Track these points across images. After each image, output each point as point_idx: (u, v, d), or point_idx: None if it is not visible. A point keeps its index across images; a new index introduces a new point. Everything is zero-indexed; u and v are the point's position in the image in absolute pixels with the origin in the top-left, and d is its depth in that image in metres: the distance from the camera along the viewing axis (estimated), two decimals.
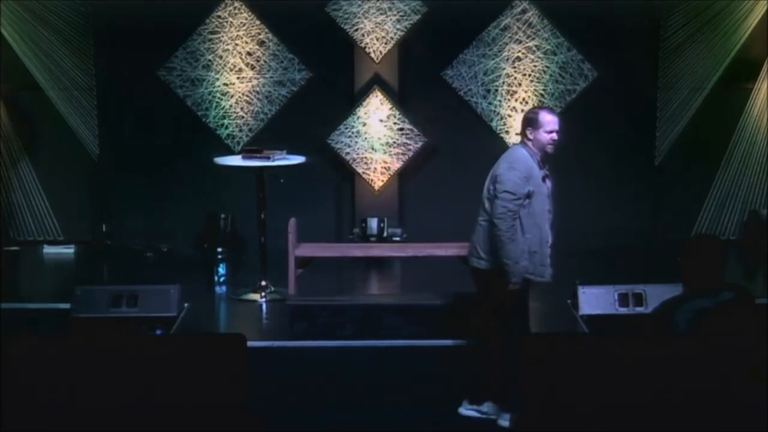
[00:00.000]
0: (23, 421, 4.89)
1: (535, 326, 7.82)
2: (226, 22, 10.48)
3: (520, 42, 10.49)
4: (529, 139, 6.87)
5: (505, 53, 10.50)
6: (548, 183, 6.93)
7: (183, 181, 10.59)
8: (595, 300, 8.17)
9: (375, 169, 10.52)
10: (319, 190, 10.65)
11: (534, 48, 10.49)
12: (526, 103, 10.49)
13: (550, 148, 6.88)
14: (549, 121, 6.85)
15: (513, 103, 10.54)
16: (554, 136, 6.85)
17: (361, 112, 10.49)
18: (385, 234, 10.37)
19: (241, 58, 10.51)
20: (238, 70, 10.53)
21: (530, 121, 6.88)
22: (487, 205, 6.84)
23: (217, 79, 10.52)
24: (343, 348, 7.64)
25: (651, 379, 4.91)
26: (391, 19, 10.39)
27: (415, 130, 10.49)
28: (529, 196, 6.75)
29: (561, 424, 4.96)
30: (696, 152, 10.64)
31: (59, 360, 4.95)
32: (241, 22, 10.49)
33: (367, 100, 10.48)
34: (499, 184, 6.76)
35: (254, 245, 9.50)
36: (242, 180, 9.69)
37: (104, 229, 10.66)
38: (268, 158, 9.04)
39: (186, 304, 8.33)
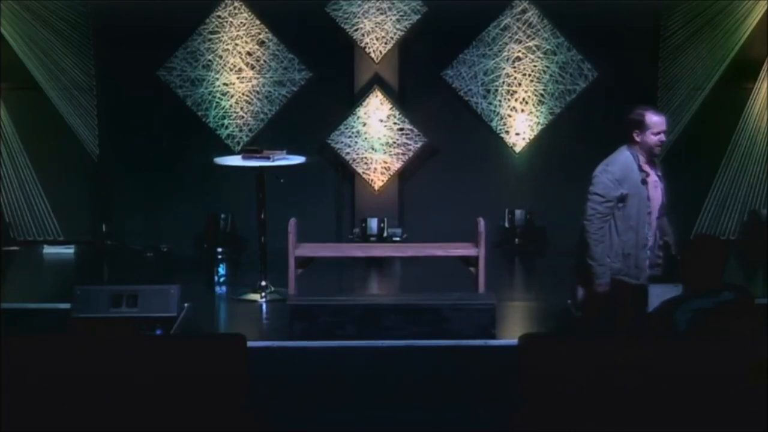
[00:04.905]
0: (23, 421, 4.89)
1: (536, 326, 7.82)
2: (226, 22, 10.48)
3: (520, 42, 10.49)
4: (636, 142, 6.73)
5: (505, 53, 10.50)
6: (659, 185, 6.81)
7: (183, 181, 10.59)
8: None
9: (375, 169, 10.52)
10: (319, 190, 10.64)
11: (534, 48, 10.49)
12: (526, 103, 10.50)
13: (657, 150, 6.77)
14: (656, 122, 6.72)
15: (513, 103, 10.54)
16: (662, 137, 6.74)
17: (361, 112, 10.49)
18: (385, 234, 10.37)
19: (241, 58, 10.51)
20: (238, 70, 10.52)
21: (636, 124, 6.73)
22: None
23: (217, 79, 10.52)
24: (343, 348, 7.63)
25: (651, 379, 4.91)
26: (391, 19, 10.39)
27: (415, 130, 10.49)
28: (622, 199, 6.65)
29: (560, 423, 4.96)
30: (696, 153, 10.63)
31: (59, 360, 4.95)
32: (241, 22, 10.48)
33: (367, 100, 10.48)
34: (591, 186, 6.70)
35: (254, 245, 9.50)
36: (242, 180, 9.67)
37: (104, 229, 10.65)
38: (268, 158, 9.04)
39: (186, 304, 8.32)
